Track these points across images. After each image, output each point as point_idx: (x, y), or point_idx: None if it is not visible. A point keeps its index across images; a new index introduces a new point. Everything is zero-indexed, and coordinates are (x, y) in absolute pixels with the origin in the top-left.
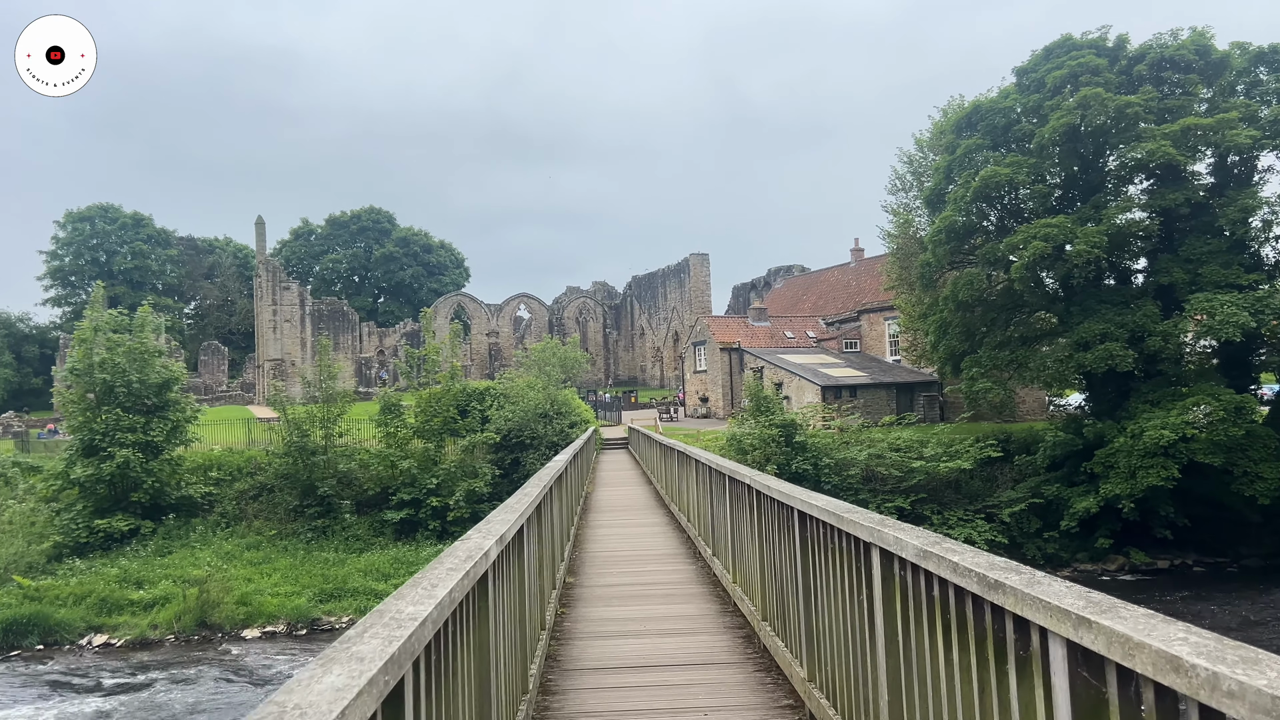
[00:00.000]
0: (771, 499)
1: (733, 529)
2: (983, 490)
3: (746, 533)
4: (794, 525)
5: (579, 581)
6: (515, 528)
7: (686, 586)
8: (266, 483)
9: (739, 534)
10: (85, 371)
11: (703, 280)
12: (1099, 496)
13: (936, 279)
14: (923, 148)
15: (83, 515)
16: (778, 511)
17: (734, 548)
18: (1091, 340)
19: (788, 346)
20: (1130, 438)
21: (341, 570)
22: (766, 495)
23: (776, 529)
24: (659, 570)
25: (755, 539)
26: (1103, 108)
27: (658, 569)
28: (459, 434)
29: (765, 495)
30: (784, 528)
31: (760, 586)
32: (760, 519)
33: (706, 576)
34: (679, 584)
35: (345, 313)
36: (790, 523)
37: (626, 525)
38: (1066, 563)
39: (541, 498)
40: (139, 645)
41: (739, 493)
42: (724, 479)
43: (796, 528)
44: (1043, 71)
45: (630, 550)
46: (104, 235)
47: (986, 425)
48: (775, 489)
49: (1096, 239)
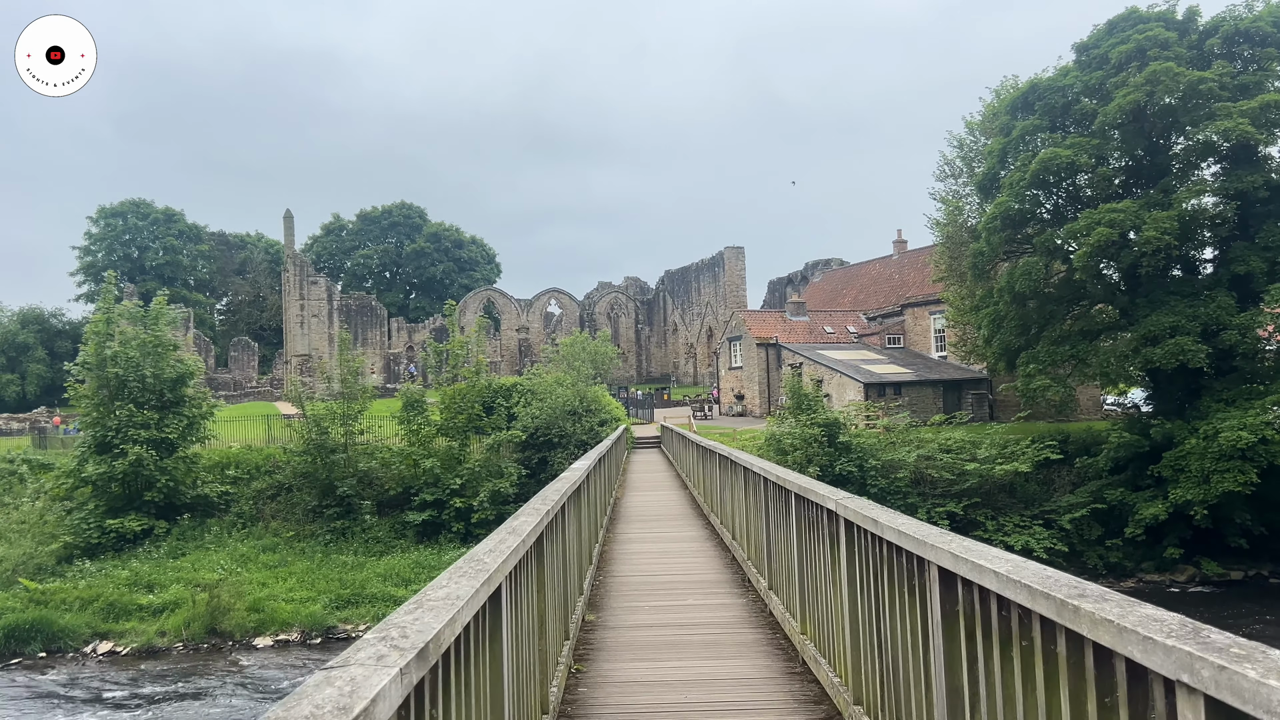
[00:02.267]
0: (888, 543)
1: (802, 562)
2: (1039, 494)
3: (825, 572)
4: (929, 588)
5: (602, 620)
6: (475, 608)
7: (737, 631)
8: (284, 482)
9: (812, 571)
10: (97, 365)
11: (737, 274)
12: (1168, 502)
13: (989, 269)
14: (973, 131)
15: (94, 515)
16: (895, 561)
17: (803, 586)
18: (1161, 334)
19: (827, 342)
20: (1203, 439)
21: (360, 575)
22: (874, 535)
23: (889, 585)
24: (701, 604)
25: (842, 586)
26: (1173, 84)
27: (699, 602)
28: (484, 432)
29: (871, 534)
30: (902, 585)
31: (850, 651)
32: (858, 564)
33: (761, 617)
34: (727, 626)
35: (373, 308)
36: (920, 581)
37: (660, 539)
38: (1131, 573)
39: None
40: (145, 654)
41: (816, 519)
42: (787, 496)
43: (936, 591)
44: (1106, 47)
45: (665, 574)
46: (136, 231)
47: (1042, 425)
48: (888, 525)
49: (1167, 225)
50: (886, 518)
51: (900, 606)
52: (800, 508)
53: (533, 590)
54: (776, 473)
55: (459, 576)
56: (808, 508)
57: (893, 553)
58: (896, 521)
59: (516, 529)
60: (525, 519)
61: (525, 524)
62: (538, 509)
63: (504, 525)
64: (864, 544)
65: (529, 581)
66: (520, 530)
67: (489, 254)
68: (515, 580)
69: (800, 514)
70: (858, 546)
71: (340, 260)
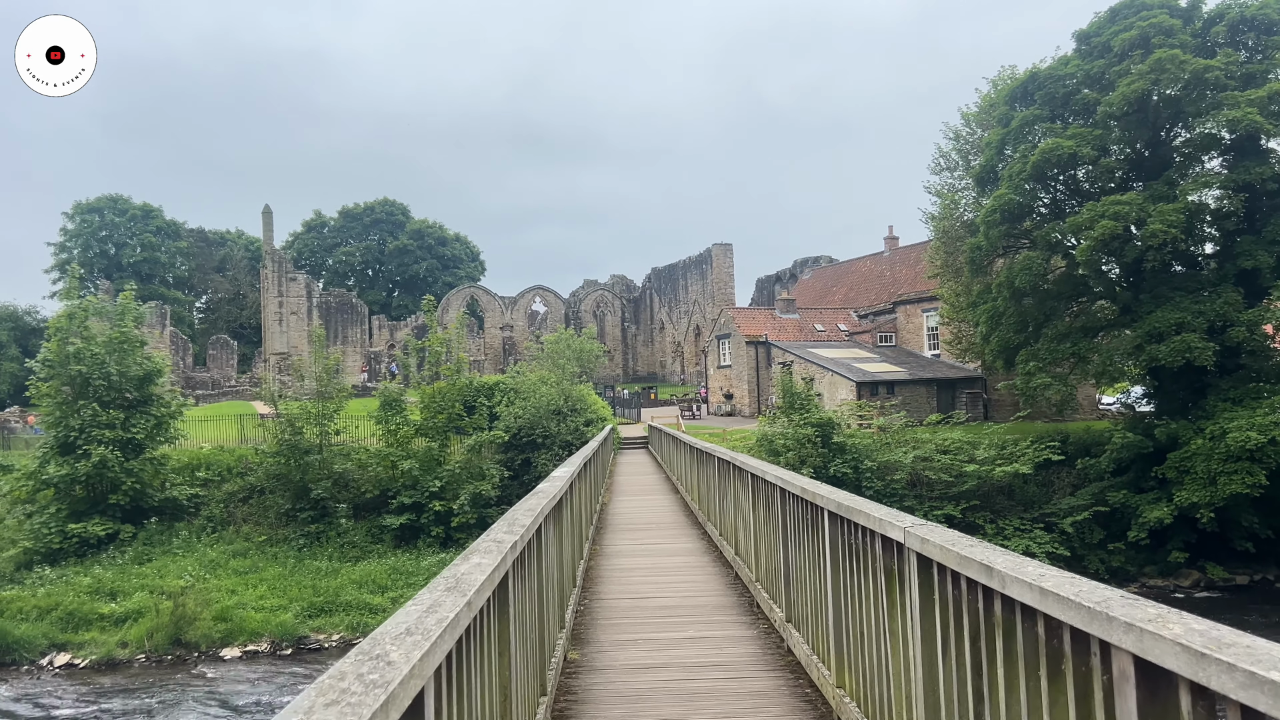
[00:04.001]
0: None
1: (839, 599)
2: (1039, 496)
3: (879, 619)
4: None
5: (588, 659)
6: None
7: (752, 674)
8: (257, 484)
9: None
10: (60, 362)
11: (726, 271)
12: (1173, 505)
13: (987, 264)
14: (970, 123)
15: (56, 519)
16: (1023, 629)
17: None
18: (1166, 331)
19: (818, 340)
20: (1209, 440)
21: (334, 582)
22: (981, 586)
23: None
24: (705, 637)
25: (913, 645)
26: (1179, 72)
27: (703, 634)
28: (465, 432)
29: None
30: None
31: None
32: (945, 623)
33: (778, 655)
34: (739, 669)
35: (354, 305)
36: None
37: (652, 551)
38: (1134, 577)
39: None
40: (105, 666)
41: (865, 547)
42: (815, 513)
43: (1132, 698)
44: (1108, 35)
45: (660, 596)
46: (113, 227)
47: (1040, 425)
48: (1012, 576)
49: (1174, 217)
50: (1006, 563)
51: (1033, 698)
52: (840, 531)
53: (486, 663)
54: (800, 484)
55: (331, 704)
56: (852, 532)
57: (1020, 618)
58: (1028, 571)
59: (460, 583)
60: (477, 564)
61: (473, 575)
62: (498, 543)
63: (442, 576)
64: (956, 594)
65: (480, 656)
66: (466, 585)
67: (473, 251)
68: (454, 670)
69: (840, 539)
70: (944, 597)
71: (322, 258)
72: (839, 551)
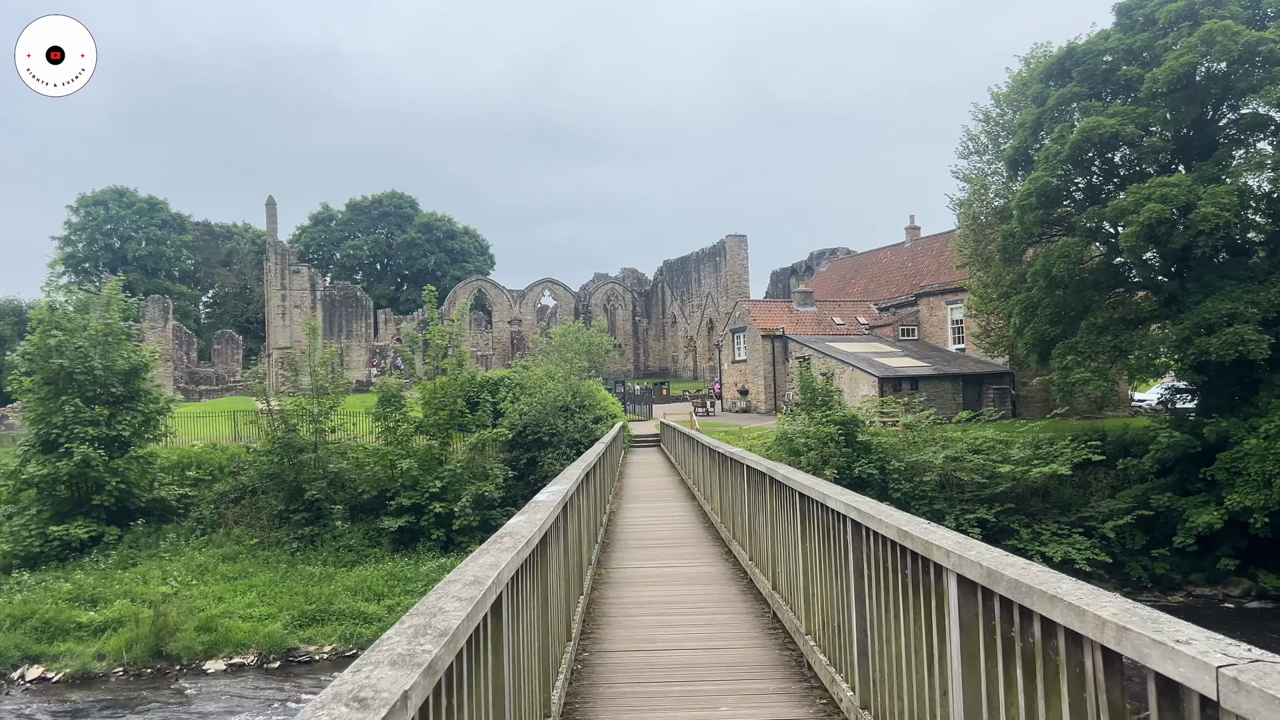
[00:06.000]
0: None
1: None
2: (1076, 499)
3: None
4: None
5: None
6: None
7: None
8: (249, 484)
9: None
10: (41, 356)
11: (740, 263)
12: (1223, 509)
13: (1020, 252)
14: (1000, 103)
15: (37, 521)
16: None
17: None
18: (1217, 322)
19: (837, 334)
20: (1264, 439)
21: (327, 588)
22: None
23: None
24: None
25: None
26: (1230, 44)
27: (736, 712)
28: (468, 430)
29: None
30: None
31: None
32: None
33: None
34: None
35: (359, 298)
36: None
37: (667, 579)
38: (1179, 586)
39: None
40: (80, 680)
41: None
42: (932, 572)
43: None
44: (1152, 6)
45: (679, 647)
46: (118, 220)
47: (1075, 423)
48: None
49: (1226, 200)
50: None
51: None
52: (979, 607)
53: None
54: (894, 520)
55: None
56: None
57: None
58: None
59: None
60: None
61: None
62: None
63: None
64: None
65: None
66: None
67: (482, 245)
68: None
69: (978, 619)
70: None
71: (329, 251)
72: (975, 636)
